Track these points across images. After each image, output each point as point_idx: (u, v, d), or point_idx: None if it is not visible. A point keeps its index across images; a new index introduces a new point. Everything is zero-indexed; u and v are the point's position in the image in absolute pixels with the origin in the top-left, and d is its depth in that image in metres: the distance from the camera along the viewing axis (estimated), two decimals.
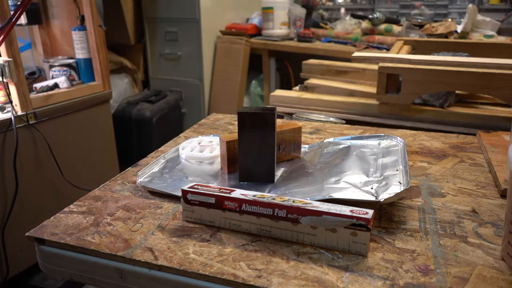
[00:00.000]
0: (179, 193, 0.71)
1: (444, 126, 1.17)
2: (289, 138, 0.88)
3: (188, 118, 2.73)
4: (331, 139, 0.98)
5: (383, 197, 0.66)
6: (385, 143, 0.93)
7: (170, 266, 0.57)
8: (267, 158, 0.76)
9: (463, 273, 0.54)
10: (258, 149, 0.75)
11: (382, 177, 0.75)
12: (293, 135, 0.88)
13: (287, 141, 0.88)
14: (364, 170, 0.78)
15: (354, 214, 0.58)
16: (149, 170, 0.84)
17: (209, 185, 0.70)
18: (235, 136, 0.81)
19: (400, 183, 0.70)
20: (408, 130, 1.10)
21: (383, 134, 0.96)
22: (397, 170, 0.76)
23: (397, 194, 0.66)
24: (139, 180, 0.80)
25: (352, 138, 0.97)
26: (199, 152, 0.91)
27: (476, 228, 0.64)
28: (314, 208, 0.59)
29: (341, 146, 0.92)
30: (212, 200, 0.66)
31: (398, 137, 0.93)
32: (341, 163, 0.82)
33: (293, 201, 0.61)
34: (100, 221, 0.68)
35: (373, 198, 0.66)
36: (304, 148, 0.95)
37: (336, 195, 0.68)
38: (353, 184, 0.72)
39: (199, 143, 0.95)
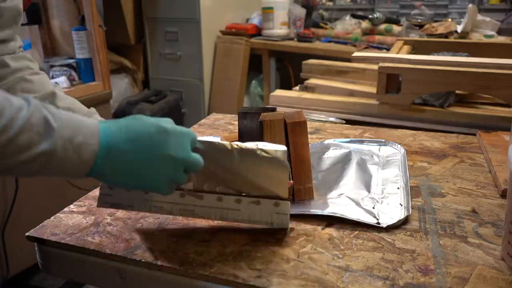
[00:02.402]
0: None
1: (444, 126, 1.17)
2: None
3: (188, 118, 2.73)
4: (331, 140, 0.98)
5: (385, 222, 0.66)
6: (385, 150, 0.93)
7: (171, 266, 0.57)
8: None
9: (463, 273, 0.54)
10: None
11: (383, 194, 0.74)
12: None
13: None
14: (365, 184, 0.78)
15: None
16: None
17: None
18: (236, 136, 0.81)
19: (401, 205, 0.70)
20: (408, 130, 1.10)
21: (383, 140, 0.96)
22: (398, 188, 0.76)
23: (399, 220, 0.66)
24: None
25: (353, 142, 0.97)
26: None
27: (476, 228, 0.64)
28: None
29: (342, 151, 0.92)
30: None
31: (398, 145, 0.93)
32: (343, 173, 0.82)
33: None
34: (100, 221, 0.68)
35: (375, 221, 0.66)
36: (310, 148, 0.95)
37: (339, 213, 0.68)
38: (355, 201, 0.72)
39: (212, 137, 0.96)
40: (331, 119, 1.26)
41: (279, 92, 1.47)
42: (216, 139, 0.95)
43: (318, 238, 0.63)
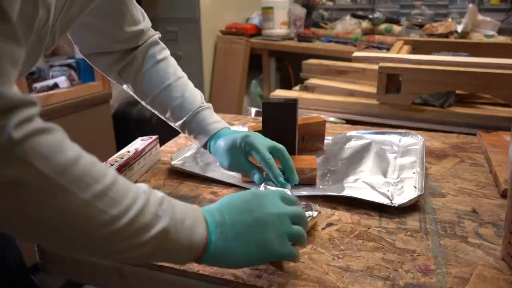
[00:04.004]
0: (210, 175, 0.81)
1: (444, 126, 1.17)
2: (314, 130, 0.92)
3: None
4: (354, 132, 1.00)
5: (397, 201, 0.69)
6: (405, 140, 0.95)
7: (170, 266, 0.57)
8: (289, 146, 0.80)
9: (464, 273, 0.54)
10: (282, 137, 0.78)
11: (398, 179, 0.77)
12: (318, 128, 0.93)
13: (312, 133, 0.92)
14: (382, 170, 0.80)
15: None
16: (182, 154, 0.92)
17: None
18: (260, 126, 0.85)
19: (415, 188, 0.73)
20: (408, 130, 1.10)
21: (403, 131, 0.98)
22: (414, 172, 0.78)
23: (410, 200, 0.69)
24: (173, 162, 0.85)
25: (374, 133, 0.99)
26: None
27: (477, 228, 0.64)
28: None
29: (363, 142, 0.94)
30: None
31: (419, 135, 0.94)
32: (361, 161, 0.85)
33: None
34: None
35: (388, 202, 0.69)
36: (328, 140, 0.98)
37: (353, 195, 0.71)
38: (370, 185, 0.75)
39: None
40: (331, 119, 1.26)
41: (279, 92, 1.47)
42: (244, 129, 0.96)
43: (318, 238, 0.62)
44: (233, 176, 0.82)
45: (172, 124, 0.78)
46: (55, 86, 1.72)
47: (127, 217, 0.41)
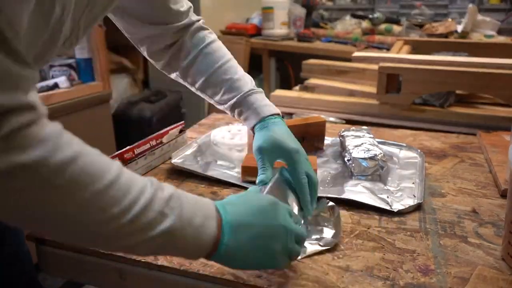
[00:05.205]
0: (211, 174, 0.81)
1: (444, 126, 1.17)
2: (314, 130, 0.92)
3: (188, 118, 2.72)
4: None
5: (396, 207, 0.69)
6: (405, 153, 0.93)
7: (170, 266, 0.57)
8: None
9: (463, 273, 0.54)
10: None
11: (398, 187, 0.77)
12: (318, 128, 0.92)
13: (312, 133, 0.92)
14: (382, 178, 0.80)
15: None
16: (182, 152, 0.91)
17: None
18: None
19: (415, 196, 0.73)
20: (408, 130, 1.10)
21: (404, 144, 0.96)
22: (413, 183, 0.78)
23: (410, 206, 0.69)
24: (173, 160, 0.86)
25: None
26: (230, 139, 0.96)
27: (476, 228, 0.64)
28: None
29: None
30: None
31: (418, 150, 0.93)
32: None
33: None
34: None
35: (387, 207, 0.69)
36: (328, 140, 0.98)
37: (354, 198, 0.72)
38: (371, 190, 0.75)
39: (228, 131, 0.99)
40: (331, 119, 1.26)
41: (279, 92, 1.47)
42: (244, 128, 0.97)
43: None
44: (233, 176, 0.82)
45: (220, 107, 0.77)
46: (55, 86, 1.72)
47: (129, 215, 0.40)
